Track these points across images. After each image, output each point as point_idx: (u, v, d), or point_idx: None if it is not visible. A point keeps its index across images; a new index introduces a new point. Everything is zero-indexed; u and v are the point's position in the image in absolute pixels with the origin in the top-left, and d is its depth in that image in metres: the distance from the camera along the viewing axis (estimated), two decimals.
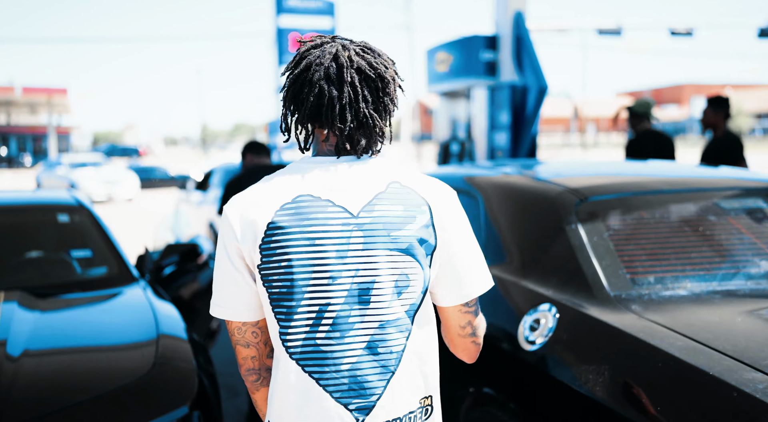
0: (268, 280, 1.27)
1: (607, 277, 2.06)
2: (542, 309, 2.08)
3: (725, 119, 5.18)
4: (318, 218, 1.26)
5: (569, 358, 1.90)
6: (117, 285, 3.32)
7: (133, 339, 2.71)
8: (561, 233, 2.28)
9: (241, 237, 1.28)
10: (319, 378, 1.26)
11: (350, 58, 1.29)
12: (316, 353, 1.25)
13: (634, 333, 1.76)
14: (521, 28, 8.18)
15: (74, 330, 2.80)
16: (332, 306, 1.25)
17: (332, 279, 1.24)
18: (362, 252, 1.25)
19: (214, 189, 8.84)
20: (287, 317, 1.26)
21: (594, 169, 3.00)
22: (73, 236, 3.71)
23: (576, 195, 2.41)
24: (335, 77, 1.28)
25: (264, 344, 1.37)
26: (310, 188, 1.28)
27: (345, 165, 1.31)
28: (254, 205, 1.29)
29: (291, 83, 1.32)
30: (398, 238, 1.26)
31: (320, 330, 1.25)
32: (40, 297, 3.07)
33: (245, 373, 1.39)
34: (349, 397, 1.25)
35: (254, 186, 1.34)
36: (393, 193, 1.29)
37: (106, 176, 20.23)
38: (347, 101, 1.28)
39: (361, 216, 1.26)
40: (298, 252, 1.25)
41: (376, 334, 1.26)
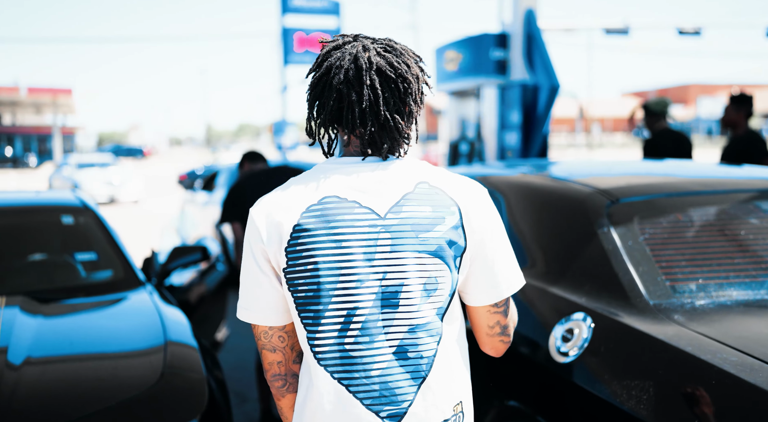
0: (294, 284, 1.24)
1: (644, 285, 1.93)
2: (575, 318, 1.96)
3: (747, 117, 5.04)
4: (344, 220, 1.23)
5: (608, 372, 1.77)
6: (123, 289, 3.20)
7: (140, 347, 2.59)
8: (592, 237, 2.15)
9: (267, 240, 1.26)
10: (349, 385, 1.23)
11: (370, 59, 1.27)
12: (346, 359, 1.23)
13: (681, 346, 1.63)
14: (532, 26, 8.05)
15: (78, 336, 2.69)
16: (360, 310, 1.22)
17: (360, 282, 1.21)
18: (390, 255, 1.22)
19: (220, 189, 8.73)
20: (314, 322, 1.23)
21: (620, 169, 2.87)
22: (78, 238, 3.59)
23: (606, 196, 2.28)
24: (354, 80, 1.26)
25: (291, 349, 1.33)
26: (336, 189, 1.25)
27: (371, 166, 1.28)
28: (280, 206, 1.27)
29: (313, 86, 1.30)
30: (427, 240, 1.23)
31: (349, 335, 1.22)
32: (43, 302, 2.96)
33: (271, 379, 1.35)
34: (381, 404, 1.22)
35: (280, 187, 1.31)
36: (421, 194, 1.26)
37: (110, 177, 19.88)
38: (367, 104, 1.26)
39: (389, 218, 1.23)
40: (325, 255, 1.22)
41: (406, 339, 1.23)
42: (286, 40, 23.51)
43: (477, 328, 1.36)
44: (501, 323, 1.35)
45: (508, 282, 1.31)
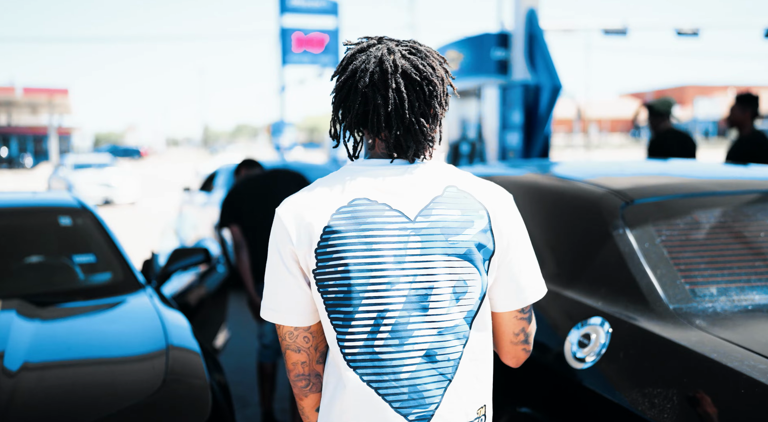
0: (324, 285, 1.25)
1: (663, 288, 1.87)
2: (592, 322, 1.89)
3: (753, 117, 4.99)
4: (375, 222, 1.23)
5: (629, 379, 1.70)
6: (122, 292, 3.13)
7: (141, 351, 2.52)
8: (607, 239, 2.09)
9: (297, 241, 1.25)
10: (379, 387, 1.23)
11: (395, 62, 1.27)
12: (375, 361, 1.23)
13: (705, 353, 1.57)
14: (534, 26, 7.99)
15: (77, 341, 2.62)
16: (390, 312, 1.22)
17: (390, 284, 1.22)
18: (420, 258, 1.23)
19: (219, 190, 8.66)
20: (345, 323, 1.24)
21: (630, 169, 2.81)
22: (76, 240, 3.52)
23: (621, 197, 2.22)
24: (380, 83, 1.26)
25: (315, 349, 1.34)
26: (366, 191, 1.26)
27: (400, 168, 1.28)
28: (309, 207, 1.26)
29: (338, 89, 1.31)
30: (456, 243, 1.24)
31: (379, 337, 1.22)
32: (40, 305, 2.89)
33: (294, 378, 1.35)
34: (409, 407, 1.23)
35: (307, 188, 1.31)
36: (450, 198, 1.26)
37: (105, 179, 19.35)
38: (393, 108, 1.26)
39: (419, 221, 1.24)
40: (355, 257, 1.22)
41: (435, 341, 1.23)
42: (284, 40, 23.45)
43: (501, 336, 1.36)
44: (525, 330, 1.36)
45: (533, 288, 1.32)
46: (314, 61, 23.90)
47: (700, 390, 1.54)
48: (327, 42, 23.84)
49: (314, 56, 23.96)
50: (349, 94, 1.29)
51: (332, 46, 23.93)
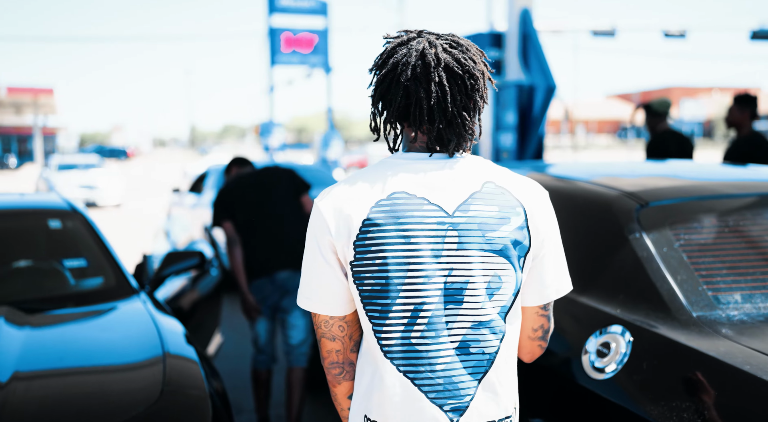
0: (361, 277, 1.26)
1: (685, 295, 1.80)
2: (612, 331, 1.82)
3: (752, 118, 4.95)
4: (413, 216, 1.24)
5: (655, 391, 1.63)
6: (115, 297, 3.03)
7: (137, 360, 2.42)
8: (623, 243, 2.02)
9: (336, 233, 1.27)
10: (415, 378, 1.25)
11: (437, 55, 1.27)
12: (412, 353, 1.25)
13: (737, 364, 1.50)
14: (528, 26, 7.94)
15: (70, 350, 2.52)
16: (427, 305, 1.24)
17: (427, 278, 1.24)
18: (456, 252, 1.24)
19: (209, 191, 8.54)
20: (381, 315, 1.26)
21: (638, 170, 2.75)
22: (66, 244, 3.41)
23: (635, 199, 2.15)
24: (422, 77, 1.26)
25: (349, 338, 1.36)
26: (405, 185, 1.27)
27: (439, 163, 1.29)
28: (349, 200, 1.28)
29: (378, 83, 1.31)
30: (492, 239, 1.25)
31: (415, 330, 1.25)
32: (29, 312, 2.78)
33: (328, 366, 1.37)
34: (444, 398, 1.25)
35: (346, 181, 1.32)
36: (488, 193, 1.28)
37: (89, 180, 18.58)
38: (435, 101, 1.27)
39: (456, 216, 1.25)
40: (393, 251, 1.24)
41: (469, 334, 1.25)
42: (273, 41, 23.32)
43: (521, 332, 1.37)
44: (544, 327, 1.38)
45: (558, 285, 1.34)
46: (303, 62, 23.78)
47: (732, 405, 1.47)
48: (316, 42, 23.73)
49: (303, 56, 23.84)
50: (390, 87, 1.29)
51: (321, 46, 23.82)
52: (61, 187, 18.07)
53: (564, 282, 1.35)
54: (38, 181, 20.58)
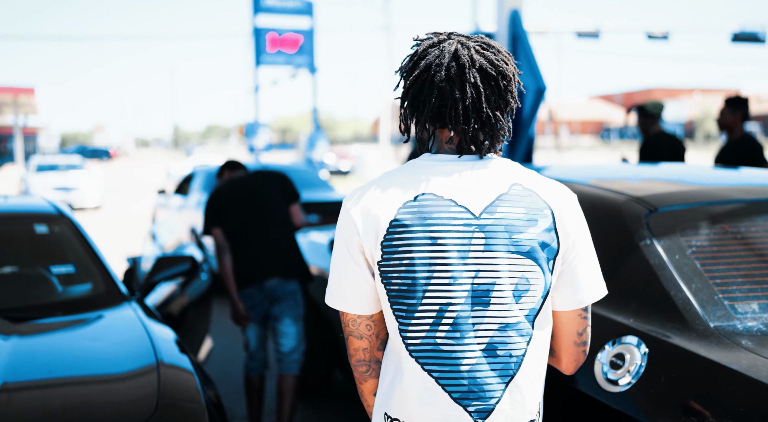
0: (388, 277, 1.28)
1: (701, 304, 1.76)
2: (626, 341, 1.77)
3: (743, 120, 4.94)
4: (440, 217, 1.25)
5: (674, 405, 1.58)
6: (105, 305, 2.93)
7: (131, 370, 2.34)
8: (633, 250, 1.98)
9: (363, 233, 1.28)
10: (439, 378, 1.26)
11: (471, 56, 1.28)
12: (436, 352, 1.26)
13: (763, 379, 1.45)
14: (518, 27, 7.89)
15: (60, 360, 2.42)
16: (452, 306, 1.25)
17: (453, 279, 1.24)
18: (483, 254, 1.25)
19: (196, 193, 8.42)
20: (407, 315, 1.27)
21: (642, 174, 2.71)
22: (53, 249, 3.31)
23: (643, 204, 2.11)
24: (457, 77, 1.27)
25: (376, 337, 1.38)
26: (433, 187, 1.28)
27: (468, 164, 1.30)
28: (377, 201, 1.29)
29: (411, 84, 1.31)
30: (520, 241, 1.25)
31: (440, 330, 1.25)
32: (16, 320, 2.69)
33: (355, 363, 1.39)
34: (469, 399, 1.25)
35: (375, 182, 1.33)
36: (515, 196, 1.28)
37: (66, 182, 17.65)
38: (470, 102, 1.27)
39: (483, 218, 1.26)
40: (420, 251, 1.25)
41: (496, 336, 1.25)
42: (258, 41, 23.17)
43: (562, 337, 1.35)
44: (587, 331, 1.36)
45: (592, 288, 1.33)
46: (289, 62, 23.65)
47: (758, 420, 1.42)
48: (301, 42, 23.62)
49: (289, 56, 23.71)
50: (423, 89, 1.29)
51: (307, 47, 23.71)
52: (36, 189, 17.30)
53: (599, 286, 1.34)
54: (19, 182, 20.06)
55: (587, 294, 1.32)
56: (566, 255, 1.30)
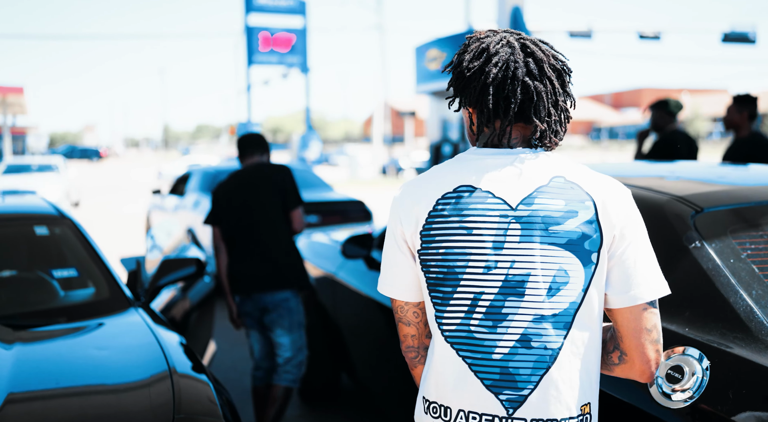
0: (426, 265, 1.33)
1: (765, 313, 1.64)
2: (685, 353, 1.65)
3: (751, 119, 4.85)
4: (477, 209, 1.28)
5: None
6: (110, 310, 2.79)
7: (143, 379, 2.21)
8: (683, 253, 1.86)
9: (406, 223, 1.35)
10: (472, 364, 1.28)
11: (544, 52, 1.32)
12: (470, 339, 1.28)
13: None
14: (519, 24, 7.82)
15: (68, 371, 2.28)
16: (486, 295, 1.27)
17: (487, 269, 1.27)
18: (518, 245, 1.26)
19: (192, 193, 8.25)
20: (443, 302, 1.31)
21: (679, 172, 2.59)
22: (54, 252, 3.16)
23: (688, 204, 1.99)
24: (538, 73, 1.30)
25: (424, 324, 1.42)
26: (472, 179, 1.31)
27: (510, 158, 1.32)
28: (419, 193, 1.35)
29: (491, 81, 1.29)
30: (557, 233, 1.26)
31: (474, 318, 1.28)
32: (18, 328, 2.54)
33: (405, 349, 1.46)
34: (500, 387, 1.26)
35: (424, 175, 1.38)
36: (555, 187, 1.28)
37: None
38: (553, 97, 1.31)
39: (520, 209, 1.27)
40: (456, 241, 1.29)
41: (531, 328, 1.26)
42: (250, 40, 23.00)
43: (631, 336, 1.30)
44: (657, 328, 1.31)
45: (648, 285, 1.28)
46: (281, 61, 23.50)
47: None
48: (294, 42, 23.46)
49: (281, 56, 23.56)
50: (505, 85, 1.29)
51: (299, 46, 23.56)
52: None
53: (658, 283, 1.29)
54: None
55: (643, 290, 1.27)
56: (613, 248, 1.28)
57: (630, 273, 1.27)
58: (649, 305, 1.28)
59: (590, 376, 1.29)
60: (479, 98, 1.31)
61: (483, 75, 1.30)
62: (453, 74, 1.36)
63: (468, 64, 1.32)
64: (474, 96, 1.32)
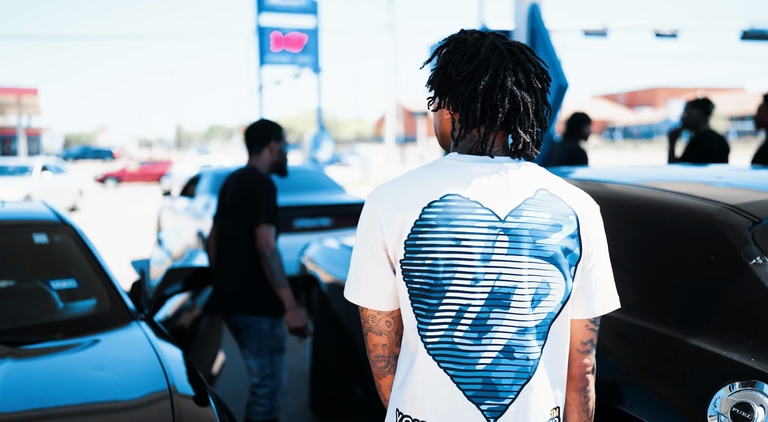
0: (410, 276, 1.28)
1: None
2: (752, 387, 1.45)
3: None
4: (466, 219, 1.25)
5: None
6: (111, 324, 2.63)
7: (140, 399, 2.04)
8: (742, 270, 1.66)
9: (388, 231, 1.28)
10: (454, 376, 1.26)
11: (530, 60, 1.29)
12: (453, 351, 1.26)
13: None
14: (537, 21, 7.59)
15: (60, 389, 2.11)
16: (472, 307, 1.25)
17: (475, 281, 1.25)
18: (506, 257, 1.25)
19: (202, 195, 8.10)
20: (427, 314, 1.27)
21: (728, 178, 2.38)
22: (54, 262, 3.00)
23: (743, 214, 1.79)
24: (525, 83, 1.28)
25: (395, 333, 1.38)
26: (459, 188, 1.27)
27: (495, 167, 1.29)
28: (402, 199, 1.28)
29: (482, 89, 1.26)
30: (543, 246, 1.26)
31: (458, 330, 1.26)
32: (10, 344, 2.38)
33: (374, 359, 1.40)
34: (482, 397, 1.26)
35: (401, 179, 1.32)
36: (541, 200, 1.28)
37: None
38: (537, 107, 1.30)
39: (508, 221, 1.26)
40: (443, 252, 1.25)
41: (514, 339, 1.26)
42: (262, 40, 22.90)
43: (577, 345, 1.35)
44: (593, 342, 1.37)
45: (606, 300, 1.34)
46: (293, 61, 23.39)
47: None
48: (306, 41, 23.33)
49: (293, 56, 23.44)
50: (494, 94, 1.26)
51: (311, 46, 23.43)
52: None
53: (612, 298, 1.35)
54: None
55: (599, 306, 1.33)
56: (585, 263, 1.30)
57: (592, 288, 1.32)
58: (591, 322, 1.34)
59: (561, 383, 1.32)
60: (467, 104, 1.28)
61: (473, 81, 1.26)
62: (437, 74, 1.31)
63: (457, 67, 1.27)
64: (461, 101, 1.28)
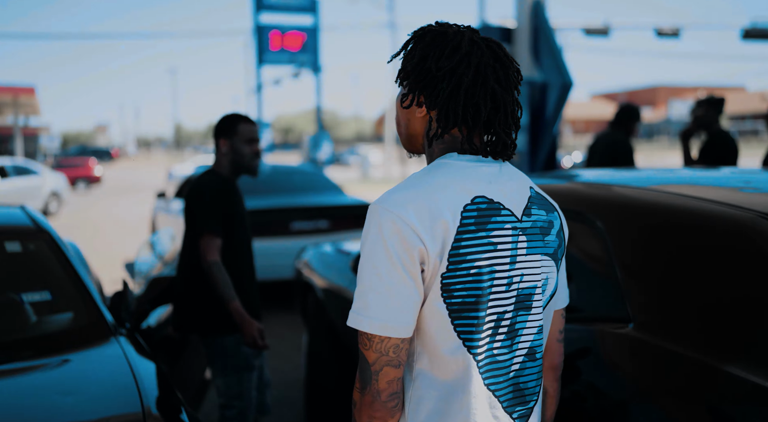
0: (450, 290, 1.17)
1: None
2: None
3: None
4: (497, 222, 1.21)
5: None
6: (87, 341, 2.44)
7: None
8: None
9: (429, 241, 1.14)
10: (496, 390, 1.22)
11: (508, 57, 1.26)
12: (494, 363, 1.21)
13: None
14: (540, 19, 7.40)
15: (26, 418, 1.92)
16: (507, 313, 1.22)
17: (508, 285, 1.22)
18: (526, 257, 1.23)
19: None
20: (474, 329, 1.18)
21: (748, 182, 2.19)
22: (27, 272, 2.80)
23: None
24: (504, 81, 1.25)
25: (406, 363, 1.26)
26: (482, 190, 1.22)
27: (495, 166, 1.26)
28: (437, 204, 1.16)
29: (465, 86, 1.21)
30: (548, 243, 1.27)
31: (497, 339, 1.21)
32: None
33: (386, 399, 1.19)
34: (514, 404, 1.24)
35: (416, 183, 1.20)
36: (537, 199, 1.29)
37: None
38: (515, 106, 1.27)
39: (524, 220, 1.24)
40: (485, 259, 1.18)
41: (536, 339, 1.26)
42: (261, 39, 22.71)
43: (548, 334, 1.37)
44: (563, 331, 1.42)
45: (569, 288, 1.46)
46: (292, 60, 23.19)
47: None
48: (305, 40, 23.14)
49: (292, 55, 23.25)
50: (476, 92, 1.21)
51: (310, 45, 23.24)
52: None
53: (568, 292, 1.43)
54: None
55: (569, 293, 1.42)
56: (563, 256, 1.35)
57: (564, 278, 1.38)
58: (564, 310, 1.41)
59: None
60: (447, 102, 1.21)
61: (455, 77, 1.20)
62: (413, 69, 1.23)
63: (437, 62, 1.20)
64: (441, 99, 1.21)
